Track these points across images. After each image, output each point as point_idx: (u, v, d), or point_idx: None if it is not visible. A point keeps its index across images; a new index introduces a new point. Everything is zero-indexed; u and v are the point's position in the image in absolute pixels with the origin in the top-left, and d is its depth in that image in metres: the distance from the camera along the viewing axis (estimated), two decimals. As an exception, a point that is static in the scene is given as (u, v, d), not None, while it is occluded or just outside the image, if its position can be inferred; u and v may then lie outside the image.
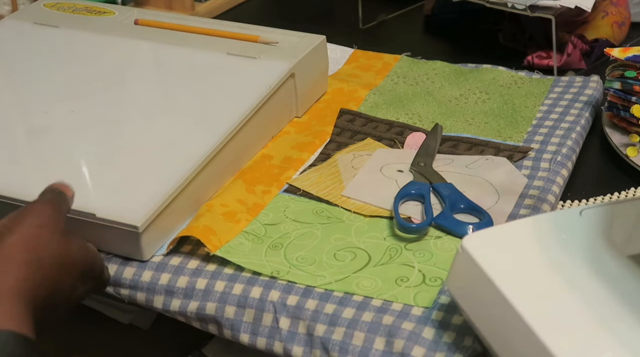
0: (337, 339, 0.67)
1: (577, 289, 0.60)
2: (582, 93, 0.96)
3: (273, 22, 1.02)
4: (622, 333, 0.57)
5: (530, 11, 1.01)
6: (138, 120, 0.86)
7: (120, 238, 0.73)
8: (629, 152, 0.87)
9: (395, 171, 0.84)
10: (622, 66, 0.89)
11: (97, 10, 1.05)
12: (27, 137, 0.85)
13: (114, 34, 0.99)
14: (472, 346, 0.65)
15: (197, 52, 0.95)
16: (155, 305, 0.73)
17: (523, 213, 0.78)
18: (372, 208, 0.80)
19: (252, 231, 0.77)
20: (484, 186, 0.82)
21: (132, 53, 0.97)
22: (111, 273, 0.74)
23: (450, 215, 0.77)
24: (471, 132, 0.91)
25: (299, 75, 0.92)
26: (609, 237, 0.64)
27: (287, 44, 0.95)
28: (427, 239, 0.76)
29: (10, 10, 1.21)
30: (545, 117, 0.93)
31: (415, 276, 0.72)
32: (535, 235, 0.64)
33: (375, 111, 0.95)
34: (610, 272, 0.61)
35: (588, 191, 0.86)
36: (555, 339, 0.56)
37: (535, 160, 0.86)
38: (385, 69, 1.04)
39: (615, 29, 1.08)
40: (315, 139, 0.90)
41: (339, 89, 0.99)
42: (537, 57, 1.06)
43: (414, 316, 0.67)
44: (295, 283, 0.71)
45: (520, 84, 0.99)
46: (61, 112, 0.87)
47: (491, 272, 0.61)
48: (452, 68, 1.03)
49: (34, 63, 0.95)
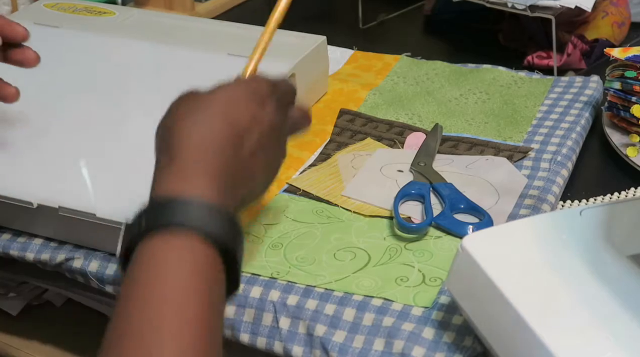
0: (337, 341, 0.67)
1: (577, 289, 0.60)
2: (582, 93, 0.96)
3: (273, 22, 1.02)
4: (621, 333, 0.57)
5: (530, 11, 1.01)
6: (138, 121, 0.86)
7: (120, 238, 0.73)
8: (629, 152, 0.87)
9: (395, 171, 0.84)
10: (622, 66, 0.89)
11: (97, 10, 1.05)
12: (27, 137, 0.85)
13: (114, 34, 0.99)
14: (472, 346, 0.65)
15: (197, 52, 0.95)
16: (155, 305, 0.73)
17: (523, 213, 0.78)
18: (372, 208, 0.80)
19: (252, 231, 0.77)
20: (484, 186, 0.82)
21: (132, 53, 0.97)
22: (111, 273, 0.74)
23: (450, 215, 0.77)
24: (471, 132, 0.91)
25: (299, 76, 0.92)
26: (609, 237, 0.64)
27: (287, 44, 0.95)
28: (427, 239, 0.76)
29: (10, 10, 1.21)
30: (545, 117, 0.93)
31: (415, 276, 0.72)
32: (535, 235, 0.64)
33: (375, 111, 0.95)
34: (610, 272, 0.61)
35: (588, 191, 0.86)
36: (555, 339, 0.56)
37: (535, 160, 0.86)
38: (385, 69, 1.04)
39: (615, 29, 1.08)
40: (316, 138, 0.90)
41: (339, 89, 0.99)
42: (537, 57, 1.06)
43: (414, 316, 0.67)
44: (295, 283, 0.71)
45: (520, 84, 0.99)
46: (61, 112, 0.87)
47: (491, 272, 0.61)
48: (452, 68, 1.03)
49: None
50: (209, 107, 0.62)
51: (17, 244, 0.77)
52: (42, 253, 0.76)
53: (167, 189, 0.58)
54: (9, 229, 0.78)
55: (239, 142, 0.62)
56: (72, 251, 0.75)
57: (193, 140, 0.60)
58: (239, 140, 0.62)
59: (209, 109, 0.62)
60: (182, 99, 0.64)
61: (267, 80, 0.67)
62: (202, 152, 0.59)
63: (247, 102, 0.64)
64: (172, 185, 0.58)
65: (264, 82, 0.67)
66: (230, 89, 0.65)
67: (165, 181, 0.59)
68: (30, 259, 0.76)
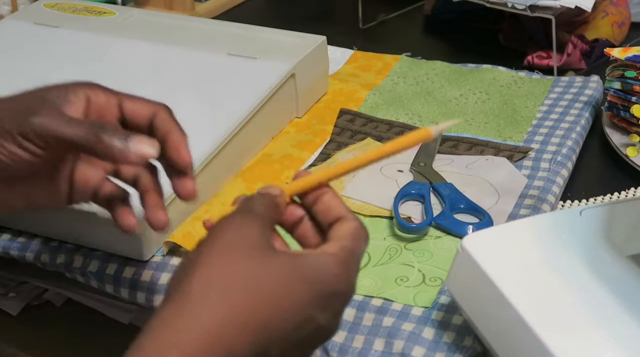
0: (337, 341, 0.67)
1: (577, 289, 0.60)
2: (582, 93, 0.96)
3: (273, 22, 1.02)
4: (621, 333, 0.57)
5: (530, 11, 1.01)
6: (138, 121, 0.86)
7: (120, 238, 0.73)
8: (629, 152, 0.87)
9: (395, 171, 0.84)
10: (622, 66, 0.89)
11: (97, 10, 1.05)
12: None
13: (114, 34, 0.99)
14: (472, 346, 0.65)
15: (197, 52, 0.95)
16: (155, 305, 0.73)
17: (523, 213, 0.78)
18: (372, 208, 0.80)
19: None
20: (484, 186, 0.82)
21: (132, 53, 0.97)
22: (111, 273, 0.74)
23: (450, 215, 0.77)
24: (471, 132, 0.91)
25: (299, 76, 0.92)
26: (609, 237, 0.64)
27: (287, 44, 0.95)
28: (427, 239, 0.76)
29: (10, 10, 1.21)
30: (545, 117, 0.93)
31: (415, 276, 0.72)
32: (535, 235, 0.64)
33: (375, 111, 0.95)
34: (610, 272, 0.61)
35: (588, 191, 0.86)
36: (555, 339, 0.56)
37: (535, 160, 0.86)
38: (385, 69, 1.04)
39: (615, 29, 1.08)
40: (316, 138, 0.90)
41: (339, 89, 0.99)
42: (537, 57, 1.06)
43: (414, 316, 0.67)
44: (295, 283, 0.71)
45: (520, 84, 0.99)
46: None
47: (491, 272, 0.61)
48: (452, 68, 1.03)
49: (34, 63, 0.95)
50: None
51: (17, 244, 0.77)
52: (42, 253, 0.76)
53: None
54: (9, 229, 0.78)
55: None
56: (72, 251, 0.75)
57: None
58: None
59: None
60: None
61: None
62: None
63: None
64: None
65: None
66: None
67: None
68: (30, 259, 0.76)
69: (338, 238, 0.52)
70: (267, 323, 0.47)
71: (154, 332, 0.46)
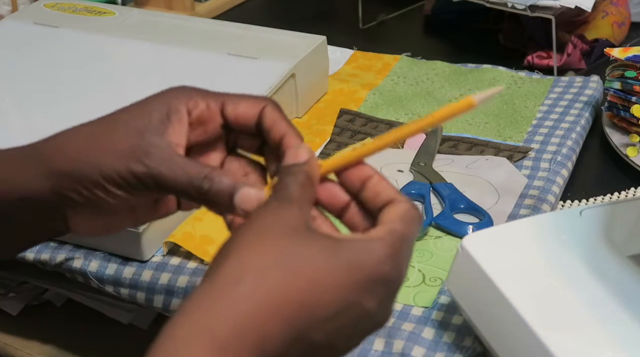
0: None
1: (577, 289, 0.60)
2: (582, 93, 0.96)
3: (273, 22, 1.02)
4: (621, 333, 0.57)
5: (530, 11, 1.01)
6: (138, 121, 0.86)
7: (120, 238, 0.73)
8: (629, 152, 0.87)
9: (395, 171, 0.84)
10: (622, 66, 0.89)
11: (97, 10, 1.05)
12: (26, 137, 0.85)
13: (114, 34, 0.99)
14: (472, 346, 0.65)
15: (197, 52, 0.95)
16: (155, 305, 0.73)
17: (523, 213, 0.78)
18: (372, 208, 0.80)
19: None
20: (484, 186, 0.82)
21: (132, 53, 0.97)
22: (111, 273, 0.74)
23: (450, 215, 0.77)
24: (471, 132, 0.91)
25: (299, 76, 0.92)
26: (609, 237, 0.64)
27: (287, 44, 0.95)
28: (427, 239, 0.76)
29: (10, 10, 1.21)
30: (545, 117, 0.93)
31: (415, 276, 0.72)
32: (535, 235, 0.64)
33: (375, 111, 0.95)
34: (610, 272, 0.61)
35: (588, 191, 0.86)
36: (555, 339, 0.56)
37: (535, 160, 0.86)
38: (385, 69, 1.04)
39: (615, 29, 1.08)
40: (316, 138, 0.90)
41: (339, 89, 0.99)
42: (537, 57, 1.06)
43: (414, 316, 0.67)
44: (295, 283, 0.71)
45: (520, 84, 0.99)
46: (61, 112, 0.87)
47: (491, 272, 0.61)
48: (452, 68, 1.03)
49: (34, 63, 0.95)
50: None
51: (17, 244, 0.77)
52: (42, 253, 0.76)
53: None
54: (9, 229, 0.78)
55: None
56: (72, 251, 0.75)
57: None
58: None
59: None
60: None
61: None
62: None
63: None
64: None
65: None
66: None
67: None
68: (30, 259, 0.76)
69: (386, 222, 0.50)
70: (304, 301, 0.45)
71: (185, 316, 0.45)
